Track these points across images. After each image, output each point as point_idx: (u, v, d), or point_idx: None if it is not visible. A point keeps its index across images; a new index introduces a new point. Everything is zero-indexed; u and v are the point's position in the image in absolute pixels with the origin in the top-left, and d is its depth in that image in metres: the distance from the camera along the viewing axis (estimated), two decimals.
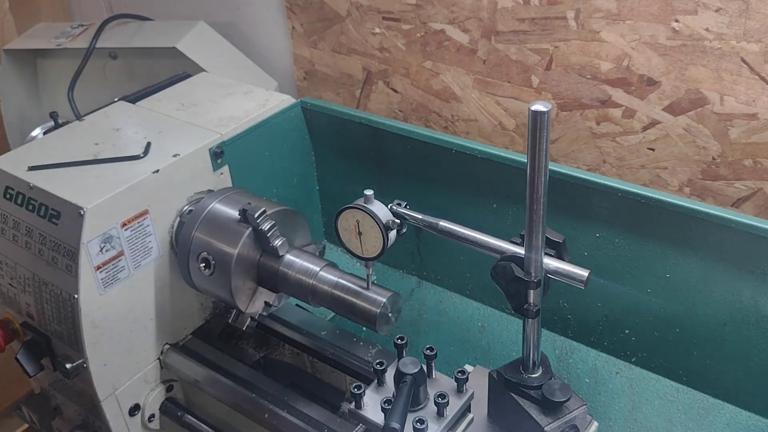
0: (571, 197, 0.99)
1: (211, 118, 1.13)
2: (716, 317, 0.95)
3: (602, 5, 1.08)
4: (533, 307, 0.78)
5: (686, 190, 1.15)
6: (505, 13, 1.18)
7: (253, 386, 1.00)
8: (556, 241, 0.79)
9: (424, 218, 0.88)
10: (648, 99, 1.11)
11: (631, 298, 1.01)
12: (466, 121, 1.34)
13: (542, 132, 0.68)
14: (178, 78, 1.28)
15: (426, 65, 1.33)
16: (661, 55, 1.07)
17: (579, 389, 1.08)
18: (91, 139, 1.08)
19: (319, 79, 1.53)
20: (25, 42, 1.67)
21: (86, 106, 1.25)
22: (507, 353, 1.16)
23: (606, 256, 1.00)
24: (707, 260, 0.92)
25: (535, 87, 1.22)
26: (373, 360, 0.92)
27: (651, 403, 1.03)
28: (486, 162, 1.05)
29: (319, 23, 1.45)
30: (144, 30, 1.58)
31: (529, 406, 0.82)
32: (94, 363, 0.98)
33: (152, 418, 1.09)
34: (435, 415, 0.82)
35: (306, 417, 0.94)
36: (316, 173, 1.30)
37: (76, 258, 0.92)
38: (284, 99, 1.20)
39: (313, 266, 0.94)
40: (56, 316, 0.98)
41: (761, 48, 0.98)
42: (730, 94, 1.03)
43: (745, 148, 1.06)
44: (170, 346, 1.09)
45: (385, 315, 0.89)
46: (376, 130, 1.17)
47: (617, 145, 1.18)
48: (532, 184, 0.72)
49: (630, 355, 1.06)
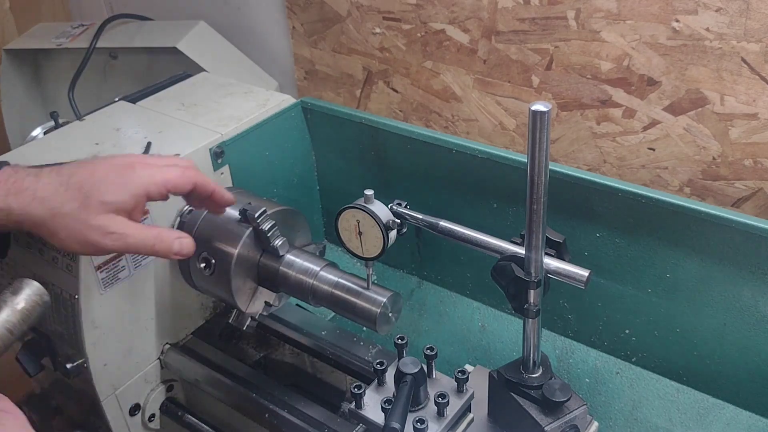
0: (572, 197, 0.99)
1: (211, 118, 1.13)
2: (716, 317, 0.95)
3: (602, 5, 1.08)
4: (533, 307, 0.78)
5: (686, 190, 1.15)
6: (506, 13, 1.18)
7: (254, 386, 1.00)
8: (556, 241, 0.79)
9: (425, 218, 0.88)
10: (648, 99, 1.11)
11: (632, 298, 1.01)
12: (466, 120, 1.34)
13: (542, 132, 0.68)
14: (178, 78, 1.28)
15: (426, 65, 1.34)
16: (661, 55, 1.07)
17: (579, 389, 1.08)
18: (92, 139, 1.08)
19: (320, 79, 1.53)
20: (25, 42, 1.67)
21: (86, 106, 1.25)
22: (507, 353, 1.16)
23: (606, 256, 1.00)
24: (707, 260, 0.92)
25: (536, 87, 1.22)
26: (374, 360, 0.92)
27: (651, 403, 1.03)
28: (486, 162, 1.05)
29: (320, 23, 1.45)
30: (144, 30, 1.58)
31: (530, 406, 0.82)
32: (95, 363, 0.98)
33: (152, 418, 1.09)
34: (435, 414, 0.82)
35: (306, 417, 0.94)
36: (316, 173, 1.30)
37: (77, 258, 0.92)
38: (284, 99, 1.20)
39: (313, 266, 0.94)
40: (56, 315, 0.98)
41: (761, 48, 0.98)
42: (731, 94, 1.03)
43: (745, 148, 1.06)
44: (170, 346, 1.09)
45: (386, 315, 0.89)
46: (377, 130, 1.17)
47: (617, 145, 1.18)
48: (532, 184, 0.72)
49: (630, 355, 1.06)
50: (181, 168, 0.82)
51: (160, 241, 0.79)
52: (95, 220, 0.75)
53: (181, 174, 0.81)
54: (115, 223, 0.76)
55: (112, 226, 0.76)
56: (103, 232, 0.75)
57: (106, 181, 0.76)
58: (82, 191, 0.75)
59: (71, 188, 0.75)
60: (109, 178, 0.77)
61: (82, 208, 0.74)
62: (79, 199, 0.74)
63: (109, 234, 0.75)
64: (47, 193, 0.74)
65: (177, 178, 0.81)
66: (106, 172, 0.77)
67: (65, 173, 0.76)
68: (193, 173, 0.83)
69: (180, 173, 0.81)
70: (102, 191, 0.75)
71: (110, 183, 0.76)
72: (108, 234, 0.75)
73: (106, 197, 0.75)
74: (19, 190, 0.73)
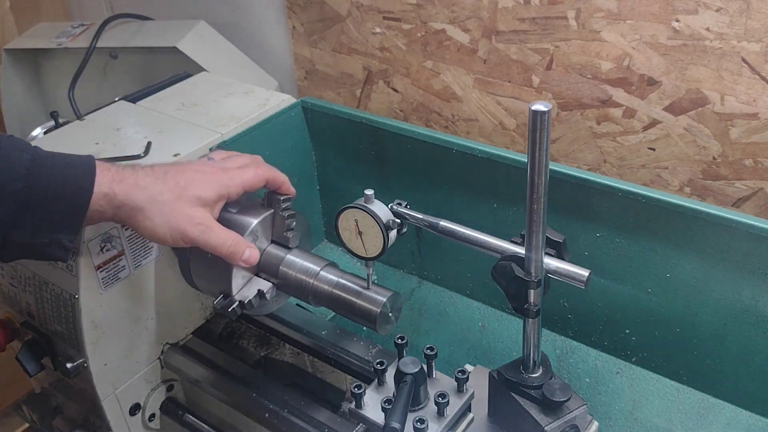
0: (572, 197, 0.99)
1: (211, 117, 1.13)
2: (716, 317, 0.95)
3: (603, 5, 1.08)
4: (533, 306, 0.78)
5: (687, 190, 1.15)
6: (506, 13, 1.18)
7: (254, 386, 1.00)
8: (556, 241, 0.79)
9: (425, 218, 0.88)
10: (648, 99, 1.11)
11: (632, 298, 1.01)
12: (466, 120, 1.34)
13: (543, 132, 0.68)
14: (178, 77, 1.28)
15: (426, 65, 1.34)
16: (661, 54, 1.07)
17: (579, 389, 1.08)
18: (92, 139, 1.08)
19: (320, 79, 1.53)
20: (25, 41, 1.67)
21: (87, 106, 1.25)
22: (507, 353, 1.16)
23: (606, 256, 1.00)
24: (707, 260, 0.92)
25: (536, 87, 1.22)
26: (374, 360, 0.92)
27: (651, 403, 1.03)
28: (486, 162, 1.05)
29: (320, 23, 1.45)
30: (144, 30, 1.58)
31: (530, 406, 0.82)
32: (95, 362, 0.98)
33: (153, 418, 1.09)
34: (435, 414, 0.82)
35: (306, 416, 0.94)
36: (316, 173, 1.30)
37: (77, 257, 0.92)
38: (285, 99, 1.20)
39: (313, 266, 0.94)
40: (57, 315, 0.99)
41: (762, 48, 0.98)
42: (731, 93, 1.03)
43: (745, 148, 1.06)
44: (171, 346, 1.09)
45: (386, 315, 0.89)
46: (377, 130, 1.17)
47: (618, 144, 1.18)
48: (532, 184, 0.72)
49: (630, 355, 1.06)
50: (253, 168, 0.92)
51: (236, 245, 0.87)
52: (189, 209, 0.84)
53: (255, 175, 0.91)
54: (205, 217, 0.85)
55: (201, 218, 0.85)
56: (194, 222, 0.84)
57: (197, 179, 0.86)
58: (179, 185, 0.84)
59: (168, 182, 0.84)
60: (199, 177, 0.86)
61: (178, 198, 0.83)
62: (176, 191, 0.83)
63: (198, 224, 0.84)
64: (147, 183, 0.82)
65: (252, 179, 0.90)
66: (195, 173, 0.87)
67: (159, 171, 0.85)
68: (265, 171, 0.92)
69: (254, 174, 0.91)
70: (195, 187, 0.85)
71: (201, 182, 0.86)
72: (197, 224, 0.84)
73: (200, 192, 0.85)
74: (123, 179, 0.81)
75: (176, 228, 0.83)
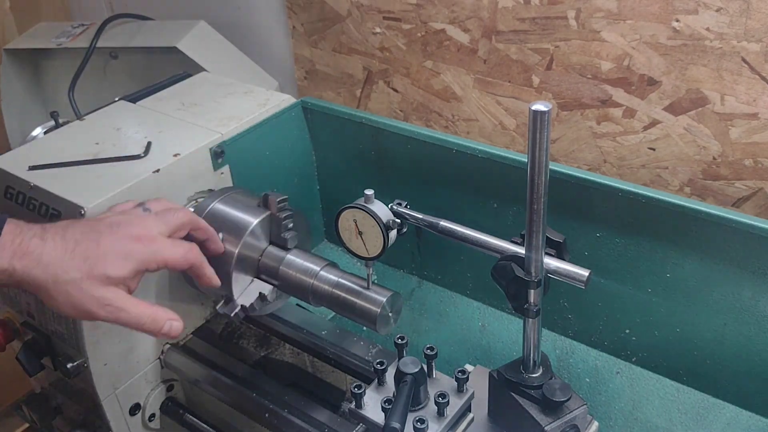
0: (572, 197, 0.99)
1: (211, 117, 1.13)
2: (716, 317, 0.95)
3: (603, 5, 1.08)
4: (534, 306, 0.78)
5: (687, 190, 1.15)
6: (506, 13, 1.18)
7: (254, 386, 1.00)
8: (556, 241, 0.79)
9: (425, 218, 0.88)
10: (648, 99, 1.11)
11: (632, 298, 1.01)
12: (466, 120, 1.34)
13: (543, 132, 0.68)
14: (178, 78, 1.28)
15: (426, 65, 1.34)
16: (661, 54, 1.07)
17: (579, 389, 1.08)
18: (92, 139, 1.08)
19: (320, 79, 1.53)
20: (25, 41, 1.67)
21: (87, 106, 1.25)
22: (507, 353, 1.16)
23: (606, 256, 1.00)
24: (707, 260, 0.92)
25: (536, 87, 1.22)
26: (374, 360, 0.92)
27: (651, 403, 1.03)
28: (486, 162, 1.05)
29: (320, 23, 1.45)
30: (144, 30, 1.58)
31: (530, 406, 0.82)
32: (95, 362, 0.98)
33: (153, 418, 1.09)
34: (435, 414, 0.82)
35: (306, 416, 0.94)
36: (316, 173, 1.30)
37: None
38: (285, 99, 1.20)
39: (313, 266, 0.94)
40: (56, 315, 0.98)
41: (762, 48, 0.98)
42: (731, 93, 1.03)
43: (745, 148, 1.06)
44: (171, 346, 1.09)
45: (386, 315, 0.89)
46: (377, 130, 1.17)
47: (618, 144, 1.18)
48: (532, 184, 0.72)
49: (630, 355, 1.06)
50: (183, 250, 0.84)
51: (152, 321, 0.81)
52: (96, 291, 0.76)
53: (182, 257, 0.84)
54: (115, 297, 0.78)
55: (110, 299, 0.77)
56: (101, 304, 0.77)
57: (111, 254, 0.78)
58: (87, 262, 0.76)
59: (76, 257, 0.76)
60: (114, 250, 0.78)
61: (85, 278, 0.76)
62: (83, 270, 0.76)
63: (106, 306, 0.77)
64: (52, 258, 0.75)
65: (176, 260, 0.83)
66: (112, 244, 0.78)
67: (70, 239, 0.77)
68: (194, 256, 0.86)
69: (181, 256, 0.84)
70: (106, 264, 0.77)
71: (114, 256, 0.78)
72: (105, 306, 0.77)
73: (109, 271, 0.77)
74: (25, 253, 0.74)
75: (82, 309, 0.77)
